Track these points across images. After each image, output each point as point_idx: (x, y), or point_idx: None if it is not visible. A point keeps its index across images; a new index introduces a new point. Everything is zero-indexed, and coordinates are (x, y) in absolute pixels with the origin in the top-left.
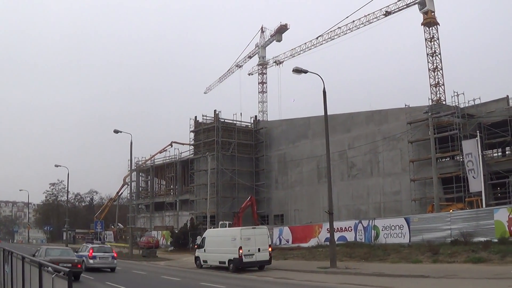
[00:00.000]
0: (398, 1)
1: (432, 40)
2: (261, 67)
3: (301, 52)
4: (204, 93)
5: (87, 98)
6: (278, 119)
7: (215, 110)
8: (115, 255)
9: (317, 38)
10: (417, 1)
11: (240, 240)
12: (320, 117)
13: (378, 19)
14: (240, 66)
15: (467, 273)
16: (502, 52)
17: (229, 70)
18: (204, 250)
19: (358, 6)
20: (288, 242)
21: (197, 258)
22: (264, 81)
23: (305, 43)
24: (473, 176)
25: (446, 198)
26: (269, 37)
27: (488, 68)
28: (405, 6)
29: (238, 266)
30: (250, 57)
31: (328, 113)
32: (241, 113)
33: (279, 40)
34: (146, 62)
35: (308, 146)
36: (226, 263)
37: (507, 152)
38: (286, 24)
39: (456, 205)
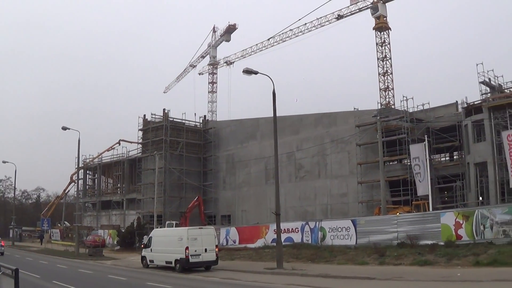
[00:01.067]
0: (350, 5)
1: (383, 44)
2: (211, 67)
3: (252, 53)
4: (164, 92)
5: (35, 94)
6: (227, 119)
7: (164, 109)
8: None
9: (268, 39)
10: (369, 6)
11: (187, 240)
12: (269, 119)
13: (331, 23)
14: (194, 66)
15: (413, 276)
16: (452, 58)
17: (185, 70)
18: (151, 249)
19: (311, 9)
20: (235, 242)
21: (143, 258)
22: (214, 81)
23: (257, 44)
24: (419, 180)
25: (393, 201)
26: (219, 37)
27: (438, 73)
28: (357, 10)
29: (185, 266)
30: (203, 57)
31: (278, 115)
32: (195, 113)
33: (227, 40)
34: (99, 60)
35: (256, 147)
36: (173, 263)
37: (454, 157)
38: (235, 24)
39: (403, 208)
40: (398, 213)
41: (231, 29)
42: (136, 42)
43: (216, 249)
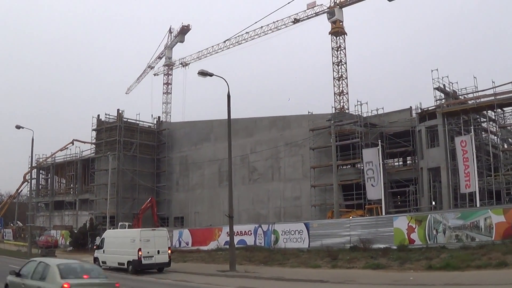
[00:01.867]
0: (307, 9)
1: (339, 49)
2: (167, 68)
3: (208, 55)
4: (126, 93)
5: None
6: (182, 121)
7: (118, 109)
8: None
9: (225, 42)
10: (326, 10)
11: (139, 242)
12: (223, 121)
13: (287, 26)
14: (152, 67)
15: (366, 279)
16: (407, 64)
17: (144, 71)
18: (103, 251)
19: (268, 12)
20: (188, 244)
21: (96, 259)
22: (169, 82)
23: (213, 46)
24: (372, 184)
25: (346, 204)
26: (173, 38)
27: (393, 79)
28: (314, 15)
29: (137, 268)
30: (160, 58)
31: (232, 117)
32: (151, 114)
33: (182, 41)
34: (56, 61)
35: (210, 149)
36: (125, 264)
37: (408, 162)
38: (188, 25)
39: (356, 212)
40: (351, 217)
41: (184, 30)
42: (98, 43)
43: (169, 251)
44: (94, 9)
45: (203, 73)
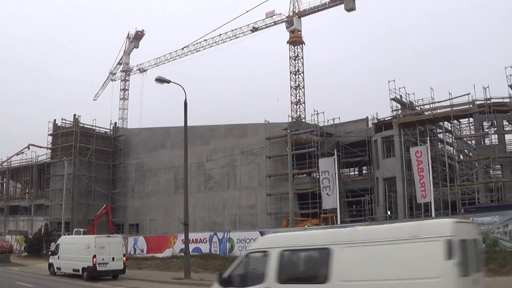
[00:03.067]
0: (266, 18)
1: (297, 58)
2: (124, 73)
3: (166, 61)
4: (94, 100)
5: None
6: (139, 127)
7: (74, 114)
8: None
9: (182, 49)
10: (284, 20)
11: (94, 248)
12: (180, 128)
13: (245, 34)
14: (114, 73)
15: None
16: (364, 74)
17: (108, 77)
18: (58, 257)
19: (227, 20)
20: (143, 252)
21: (51, 265)
22: (126, 88)
23: (170, 53)
24: (327, 193)
25: (301, 213)
26: (129, 43)
27: (350, 89)
28: (272, 24)
29: (92, 274)
30: (120, 64)
31: (189, 125)
32: (111, 120)
33: (136, 47)
34: (14, 63)
35: (166, 156)
36: (80, 271)
37: (364, 172)
38: (143, 30)
39: (311, 220)
40: (306, 226)
41: (139, 35)
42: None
43: (124, 258)
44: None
45: (160, 80)
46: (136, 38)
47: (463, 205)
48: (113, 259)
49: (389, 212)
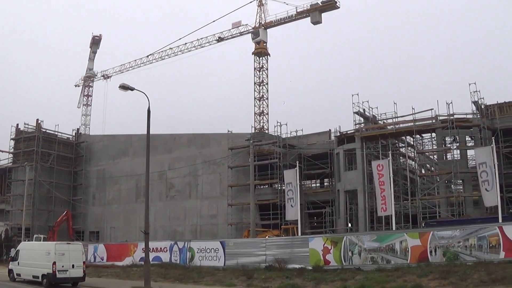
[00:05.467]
0: (232, 29)
1: (261, 69)
2: (87, 79)
3: (131, 68)
4: (78, 107)
5: None
6: (101, 134)
7: (37, 119)
8: None
9: (147, 56)
10: (250, 30)
11: (54, 255)
12: (142, 136)
13: (211, 44)
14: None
15: None
16: (329, 88)
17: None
18: (18, 263)
19: (193, 29)
20: (103, 259)
21: (10, 271)
22: (89, 94)
23: (135, 60)
24: (291, 205)
25: (262, 224)
26: (89, 48)
27: (313, 101)
28: (238, 34)
29: (52, 281)
30: (90, 69)
31: (151, 133)
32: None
33: (94, 52)
34: None
35: (128, 164)
36: (40, 277)
37: (325, 184)
38: (100, 35)
39: (272, 231)
40: (267, 236)
41: (96, 40)
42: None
43: (84, 266)
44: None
45: (124, 87)
46: (94, 43)
47: (424, 218)
48: (73, 266)
49: (350, 225)
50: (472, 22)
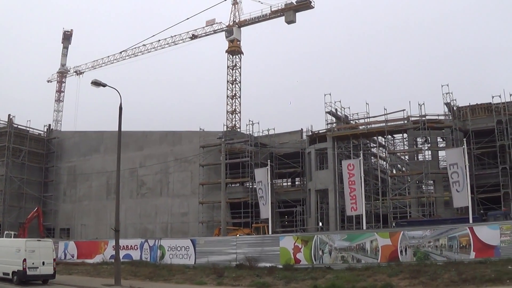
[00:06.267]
0: (206, 26)
1: (234, 68)
2: (60, 75)
3: (103, 64)
4: (55, 101)
5: None
6: (73, 130)
7: (9, 115)
8: None
9: (120, 52)
10: (224, 29)
11: (24, 252)
12: (114, 133)
13: (184, 41)
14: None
15: None
16: (302, 87)
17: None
18: None
19: (167, 26)
20: (73, 257)
21: None
22: (62, 90)
23: (108, 57)
24: (263, 203)
25: (233, 222)
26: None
27: (286, 101)
28: (212, 32)
29: (22, 278)
30: (63, 65)
31: (123, 130)
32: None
33: (66, 47)
34: None
35: (99, 161)
36: (10, 275)
37: (296, 183)
38: (71, 30)
39: (243, 230)
40: (237, 235)
41: (67, 35)
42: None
43: (54, 263)
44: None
45: (96, 83)
46: (65, 38)
47: (394, 218)
48: (43, 263)
49: (320, 224)
50: (446, 24)
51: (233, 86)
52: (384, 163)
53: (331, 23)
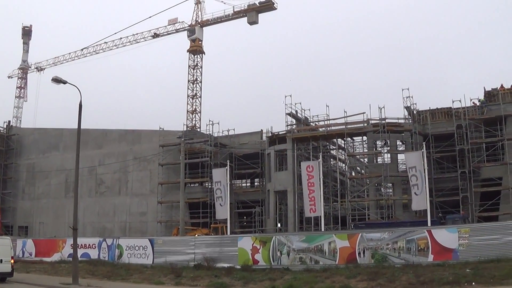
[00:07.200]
0: (168, 25)
1: (196, 67)
2: (21, 71)
3: (64, 61)
4: (16, 97)
5: None
6: (33, 127)
7: None
8: None
9: (82, 50)
10: (186, 28)
11: None
12: (73, 130)
13: (146, 40)
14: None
15: None
16: (262, 88)
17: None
18: None
19: (129, 24)
20: (31, 255)
21: None
22: (22, 86)
23: (69, 53)
24: (220, 204)
25: (192, 222)
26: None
27: (247, 102)
28: (174, 31)
29: None
30: (24, 61)
31: (83, 127)
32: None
33: (26, 43)
34: None
35: (58, 158)
36: None
37: (256, 184)
38: (30, 25)
39: (201, 230)
40: (196, 235)
41: (26, 31)
42: None
43: (12, 261)
44: None
45: (56, 80)
46: (25, 34)
47: (353, 220)
48: (1, 261)
49: (279, 225)
50: (407, 29)
51: (194, 85)
52: (344, 165)
53: (292, 24)
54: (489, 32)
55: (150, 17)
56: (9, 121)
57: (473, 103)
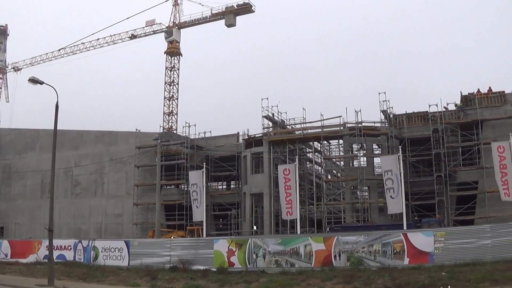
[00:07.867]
0: (146, 27)
1: (172, 69)
2: None
3: (42, 61)
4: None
5: None
6: (8, 127)
7: None
8: None
9: (59, 50)
10: (164, 30)
11: None
12: (50, 131)
13: (123, 41)
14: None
15: None
16: (238, 90)
17: None
18: None
19: (107, 25)
20: (6, 256)
21: None
22: (1, 86)
23: (47, 54)
24: (196, 206)
25: (168, 224)
26: None
27: (223, 104)
28: (151, 33)
29: None
30: (1, 60)
31: (59, 128)
32: None
33: (1, 42)
34: None
35: (34, 159)
36: None
37: (232, 186)
38: (6, 25)
39: (177, 232)
40: (172, 237)
41: (2, 30)
42: None
43: None
44: None
45: (33, 81)
46: (0, 33)
47: (329, 223)
48: None
49: (255, 227)
50: (383, 33)
51: (171, 87)
52: (320, 168)
53: (270, 27)
54: (466, 37)
55: (127, 18)
56: None
57: (444, 107)
